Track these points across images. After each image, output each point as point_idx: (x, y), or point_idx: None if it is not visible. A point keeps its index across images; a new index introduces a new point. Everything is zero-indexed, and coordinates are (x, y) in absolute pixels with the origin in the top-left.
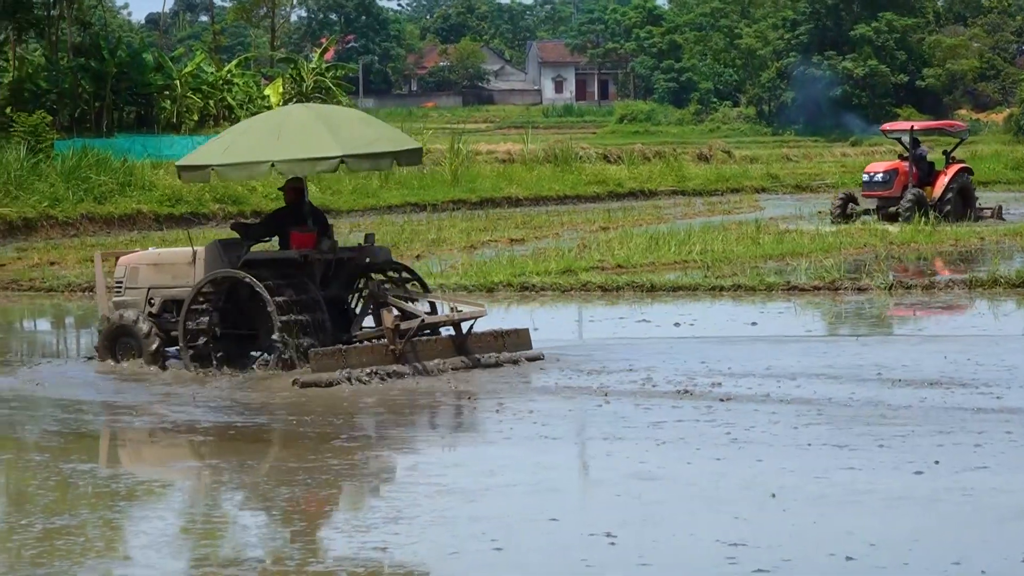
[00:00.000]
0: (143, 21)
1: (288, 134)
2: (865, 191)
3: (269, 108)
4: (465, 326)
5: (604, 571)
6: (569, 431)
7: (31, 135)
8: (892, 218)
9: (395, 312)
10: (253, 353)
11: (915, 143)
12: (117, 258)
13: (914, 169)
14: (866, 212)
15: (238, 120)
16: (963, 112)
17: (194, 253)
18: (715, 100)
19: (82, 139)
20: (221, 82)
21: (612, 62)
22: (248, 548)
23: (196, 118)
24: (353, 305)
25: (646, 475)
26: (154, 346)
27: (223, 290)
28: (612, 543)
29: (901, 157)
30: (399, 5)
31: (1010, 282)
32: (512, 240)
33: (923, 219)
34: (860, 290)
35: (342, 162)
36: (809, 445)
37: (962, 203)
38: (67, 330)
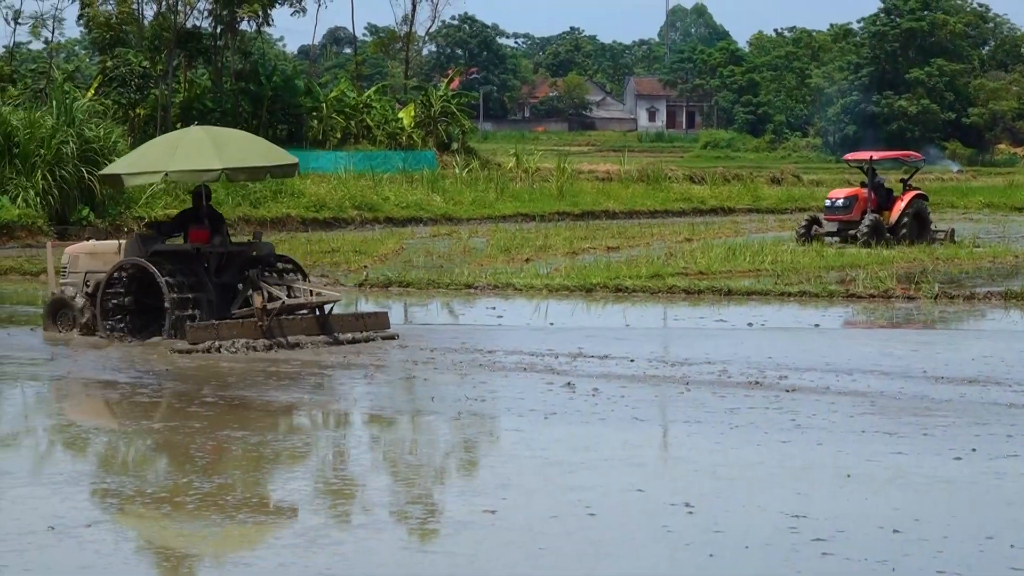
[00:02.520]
0: (296, 52)
1: (182, 150)
2: (827, 215)
3: (403, 129)
4: (328, 309)
5: (683, 536)
6: (655, 414)
7: None
8: (852, 240)
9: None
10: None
11: (873, 172)
12: (64, 248)
13: (872, 196)
14: (828, 234)
15: (375, 139)
16: (1003, 146)
17: (119, 244)
18: (787, 131)
19: None
20: (361, 105)
21: (698, 96)
22: (376, 507)
23: (339, 136)
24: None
25: (721, 454)
26: (85, 317)
27: (134, 273)
28: (690, 512)
29: (862, 184)
30: (516, 43)
31: None
32: (609, 248)
33: (881, 242)
34: (910, 299)
35: (223, 173)
36: (863, 432)
37: (918, 227)
38: None
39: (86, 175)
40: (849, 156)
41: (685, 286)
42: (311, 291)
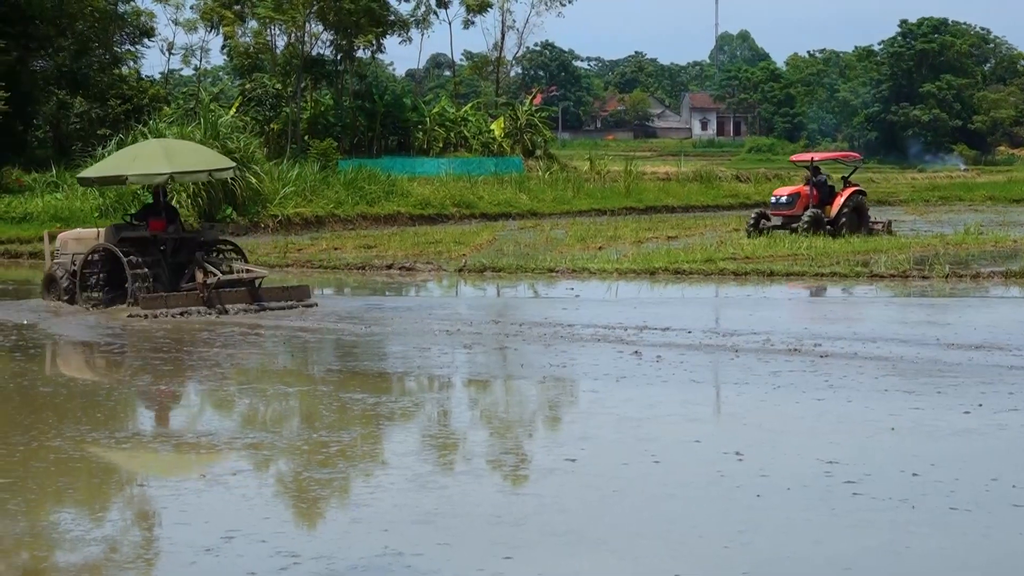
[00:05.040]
0: (403, 74)
1: (140, 159)
2: (773, 210)
3: (494, 139)
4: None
5: (734, 480)
6: (709, 377)
7: (322, 156)
8: (794, 232)
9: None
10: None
11: (816, 171)
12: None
13: (815, 192)
14: (775, 227)
15: (471, 147)
16: (1002, 148)
17: (99, 232)
18: (819, 137)
19: (358, 159)
20: (459, 119)
21: (744, 108)
22: (475, 457)
23: (440, 145)
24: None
25: (765, 410)
26: (67, 289)
27: (106, 255)
28: (740, 459)
29: (806, 182)
30: (589, 65)
31: None
32: (669, 237)
33: (821, 233)
34: (924, 278)
35: (171, 177)
36: (886, 391)
37: (857, 219)
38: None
39: (228, 181)
40: (794, 158)
41: (734, 269)
42: (245, 269)
